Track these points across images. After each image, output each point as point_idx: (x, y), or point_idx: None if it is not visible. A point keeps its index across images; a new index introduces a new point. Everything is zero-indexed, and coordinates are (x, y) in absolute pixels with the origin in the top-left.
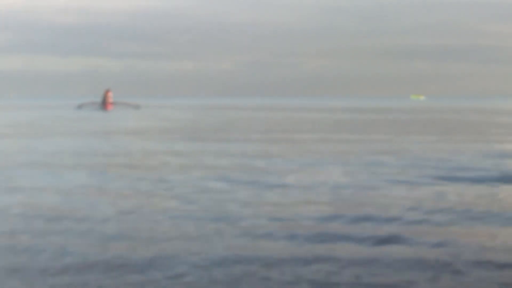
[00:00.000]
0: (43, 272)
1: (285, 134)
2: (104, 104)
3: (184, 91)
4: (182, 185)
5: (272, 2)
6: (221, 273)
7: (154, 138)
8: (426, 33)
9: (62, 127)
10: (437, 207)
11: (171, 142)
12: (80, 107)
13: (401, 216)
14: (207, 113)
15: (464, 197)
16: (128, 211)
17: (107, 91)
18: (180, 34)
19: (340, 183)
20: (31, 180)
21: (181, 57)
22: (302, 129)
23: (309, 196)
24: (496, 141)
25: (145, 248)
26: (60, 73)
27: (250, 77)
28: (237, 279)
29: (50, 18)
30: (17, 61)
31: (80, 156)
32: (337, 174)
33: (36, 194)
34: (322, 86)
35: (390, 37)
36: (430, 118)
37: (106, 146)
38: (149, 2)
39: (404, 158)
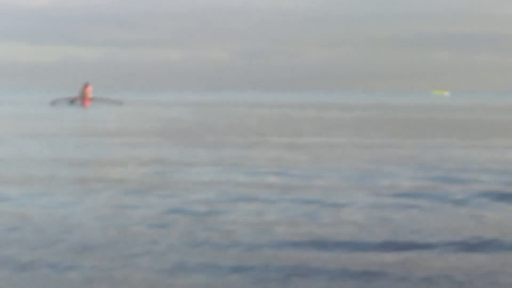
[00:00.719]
0: None
1: (303, 137)
2: (82, 99)
3: (172, 84)
4: (189, 210)
5: None
6: None
7: (143, 142)
8: (447, 19)
9: (29, 128)
10: None
11: (161, 147)
12: (53, 103)
13: None
14: (200, 110)
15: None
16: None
17: (85, 85)
18: (166, 20)
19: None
20: None
21: (168, 45)
22: (320, 130)
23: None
24: None
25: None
26: (30, 63)
27: (246, 69)
28: None
29: (16, 2)
30: None
31: (46, 166)
32: (409, 188)
33: None
34: (329, 79)
35: (406, 24)
36: (461, 118)
37: (81, 152)
38: None
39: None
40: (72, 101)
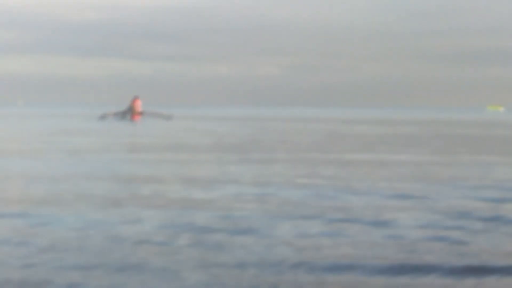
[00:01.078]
0: None
1: (352, 153)
2: (131, 113)
3: (221, 99)
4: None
5: None
6: None
7: (191, 158)
8: (504, 34)
9: (78, 142)
10: None
11: (221, 163)
12: (102, 117)
13: None
14: (249, 125)
15: None
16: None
17: (135, 99)
18: (216, 35)
19: None
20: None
21: (217, 60)
22: (370, 146)
23: None
24: None
25: None
26: (78, 77)
27: (296, 84)
28: None
29: (65, 15)
30: (28, 63)
31: (99, 183)
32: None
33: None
34: (382, 94)
35: (461, 38)
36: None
37: (133, 168)
38: None
39: None
40: (121, 116)
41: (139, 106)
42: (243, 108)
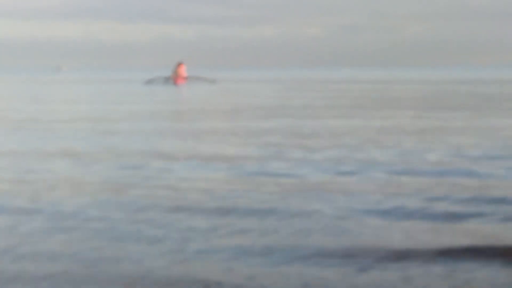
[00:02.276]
0: None
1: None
2: (175, 78)
3: (266, 61)
4: None
5: None
6: None
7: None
8: None
9: (126, 109)
10: None
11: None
12: (149, 82)
13: None
14: (293, 87)
15: None
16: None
17: (179, 64)
18: None
19: None
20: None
21: (262, 22)
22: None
23: None
24: None
25: None
26: (122, 42)
27: (342, 44)
28: None
29: None
30: (73, 29)
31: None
32: None
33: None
34: (430, 54)
35: None
36: None
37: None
38: None
39: None
40: (166, 80)
41: (184, 71)
42: (288, 70)
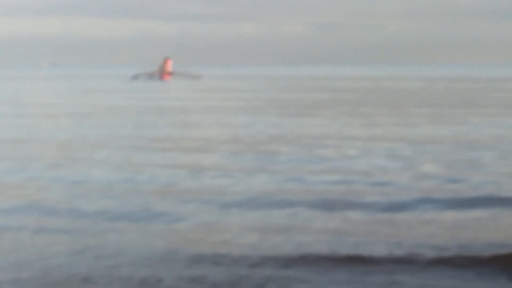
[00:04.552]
0: None
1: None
2: (161, 73)
3: (248, 58)
4: None
5: None
6: None
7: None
8: None
9: (112, 103)
10: None
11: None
12: (135, 77)
13: None
14: (274, 83)
15: None
16: None
17: (166, 60)
18: None
19: None
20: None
21: (244, 19)
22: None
23: None
24: None
25: None
26: (104, 38)
27: (322, 42)
28: None
29: None
30: (53, 24)
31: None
32: None
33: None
34: (406, 52)
35: None
36: None
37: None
38: None
39: None
40: (151, 76)
41: (170, 66)
42: (269, 67)
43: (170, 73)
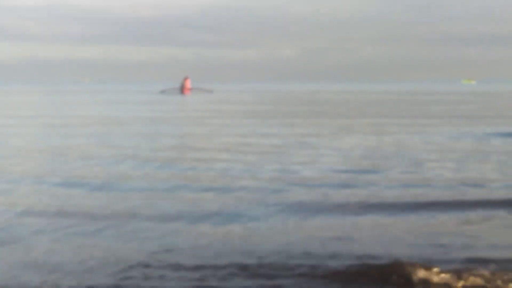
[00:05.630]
0: None
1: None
2: (182, 89)
3: (250, 76)
4: None
5: None
6: None
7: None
8: (473, 20)
9: (150, 111)
10: None
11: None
12: (163, 92)
13: None
14: (272, 95)
15: None
16: None
17: (186, 78)
18: (243, 25)
19: None
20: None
21: (245, 45)
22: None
23: None
24: None
25: None
26: (134, 61)
27: (311, 63)
28: None
29: (124, 13)
30: (92, 51)
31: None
32: None
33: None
34: (379, 72)
35: (440, 25)
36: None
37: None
38: None
39: None
40: (175, 90)
41: (189, 83)
42: (267, 84)
43: (189, 89)
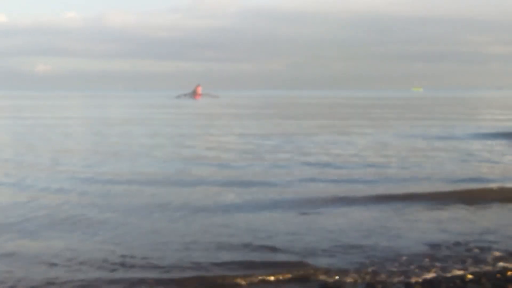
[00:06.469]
0: None
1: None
2: (194, 94)
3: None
4: None
5: (307, 19)
6: None
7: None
8: (420, 41)
9: (168, 113)
10: None
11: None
12: (178, 97)
13: None
14: (266, 100)
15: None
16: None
17: (197, 86)
18: (241, 44)
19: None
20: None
21: (243, 60)
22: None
23: None
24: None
25: None
26: (154, 72)
27: (294, 75)
28: None
29: (146, 34)
30: (124, 64)
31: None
32: None
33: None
34: (348, 81)
35: (394, 45)
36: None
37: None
38: (216, 21)
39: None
40: (188, 96)
41: (200, 90)
42: (259, 91)
43: (200, 94)
